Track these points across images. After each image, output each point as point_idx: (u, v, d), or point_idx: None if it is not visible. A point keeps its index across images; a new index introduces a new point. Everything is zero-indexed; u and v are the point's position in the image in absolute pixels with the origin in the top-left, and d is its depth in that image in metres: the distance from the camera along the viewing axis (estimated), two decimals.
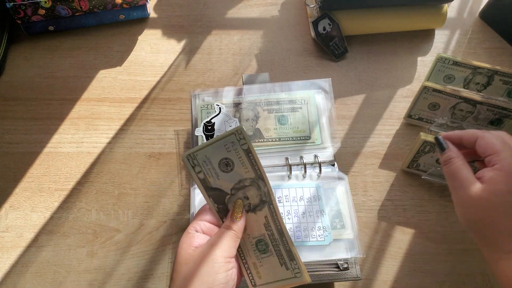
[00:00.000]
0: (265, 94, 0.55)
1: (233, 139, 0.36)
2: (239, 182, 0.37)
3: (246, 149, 0.37)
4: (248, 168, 0.37)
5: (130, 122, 0.59)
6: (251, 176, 0.37)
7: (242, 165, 0.37)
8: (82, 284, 0.49)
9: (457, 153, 0.39)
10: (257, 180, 0.37)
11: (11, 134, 0.57)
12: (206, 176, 0.37)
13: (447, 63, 0.53)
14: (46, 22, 0.62)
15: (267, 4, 0.69)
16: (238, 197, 0.37)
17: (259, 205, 0.38)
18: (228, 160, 0.37)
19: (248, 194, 0.37)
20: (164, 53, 0.64)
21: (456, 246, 0.51)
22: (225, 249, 0.35)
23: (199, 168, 0.37)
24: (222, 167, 0.37)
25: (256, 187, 0.37)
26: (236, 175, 0.37)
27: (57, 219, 0.52)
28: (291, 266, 0.37)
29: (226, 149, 0.37)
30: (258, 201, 0.38)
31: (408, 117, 0.57)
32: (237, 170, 0.37)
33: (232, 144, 0.37)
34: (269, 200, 0.37)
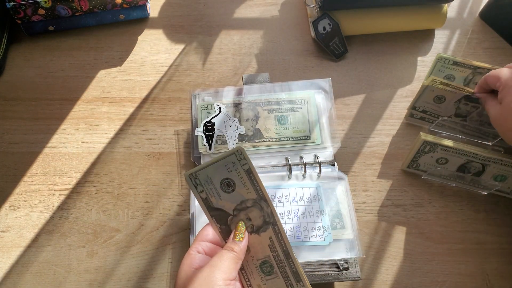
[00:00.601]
0: (265, 94, 0.55)
1: (233, 159, 0.36)
2: (241, 203, 0.37)
3: (247, 170, 0.36)
4: (250, 189, 0.36)
5: (130, 122, 0.59)
6: (253, 197, 0.36)
7: (244, 185, 0.36)
8: (82, 284, 0.49)
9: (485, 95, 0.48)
10: (259, 201, 0.37)
11: (11, 134, 0.57)
12: (208, 196, 0.36)
13: (447, 63, 0.53)
14: (46, 22, 0.62)
15: (267, 4, 0.69)
16: (240, 219, 0.37)
17: (262, 226, 0.37)
18: (230, 181, 0.36)
19: (251, 215, 0.37)
20: (164, 53, 0.64)
21: (456, 246, 0.51)
22: (225, 271, 0.35)
23: (201, 187, 0.36)
24: (224, 188, 0.36)
25: (258, 208, 0.37)
26: (238, 196, 0.37)
27: (57, 219, 0.52)
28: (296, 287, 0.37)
29: (227, 169, 0.36)
30: (262, 222, 0.37)
31: (412, 109, 0.56)
32: (239, 191, 0.36)
33: (233, 164, 0.36)
34: (273, 221, 0.37)
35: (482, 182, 0.51)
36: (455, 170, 0.52)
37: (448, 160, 0.51)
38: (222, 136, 0.52)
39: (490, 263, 0.50)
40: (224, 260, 0.35)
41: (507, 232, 0.51)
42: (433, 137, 0.49)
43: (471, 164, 0.50)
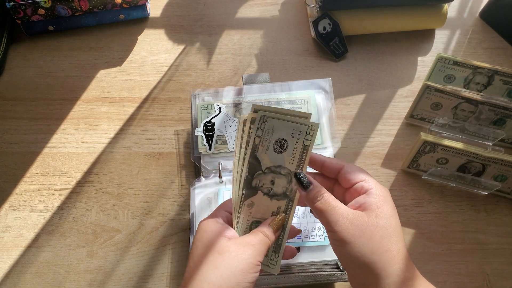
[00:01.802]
0: (265, 94, 0.55)
1: (303, 129, 0.35)
2: (278, 166, 0.36)
3: (306, 145, 0.36)
4: (294, 161, 0.36)
5: (130, 122, 0.58)
6: (291, 169, 0.36)
7: (292, 155, 0.36)
8: (82, 284, 0.49)
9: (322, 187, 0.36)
10: (292, 175, 0.37)
11: (11, 134, 0.57)
12: (260, 143, 0.36)
13: (447, 63, 0.53)
14: (46, 22, 0.62)
15: (267, 4, 0.69)
16: (267, 179, 0.37)
17: (279, 195, 0.37)
18: (285, 143, 0.36)
19: (276, 181, 0.37)
20: (164, 53, 0.64)
21: (457, 246, 0.51)
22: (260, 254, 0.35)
23: (261, 132, 0.36)
24: (276, 145, 0.36)
25: (287, 180, 0.37)
26: (280, 159, 0.36)
27: (57, 219, 0.52)
28: (270, 256, 0.38)
29: (291, 133, 0.36)
30: (281, 192, 0.37)
31: (410, 117, 0.57)
32: (285, 156, 0.36)
33: (300, 133, 0.36)
34: (291, 197, 0.37)
35: (483, 182, 0.51)
36: (456, 170, 0.51)
37: (448, 160, 0.51)
38: (222, 136, 0.52)
39: (491, 263, 0.50)
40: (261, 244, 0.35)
41: (508, 232, 0.51)
42: (433, 137, 0.49)
43: (472, 164, 0.50)
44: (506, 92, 0.53)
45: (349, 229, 0.33)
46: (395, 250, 0.33)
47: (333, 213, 0.34)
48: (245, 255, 0.34)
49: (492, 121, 0.53)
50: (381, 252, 0.32)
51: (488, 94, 0.53)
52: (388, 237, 0.33)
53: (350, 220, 0.33)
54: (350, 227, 0.33)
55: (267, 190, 0.37)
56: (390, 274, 0.32)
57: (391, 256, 0.32)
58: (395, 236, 0.33)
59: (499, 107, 0.51)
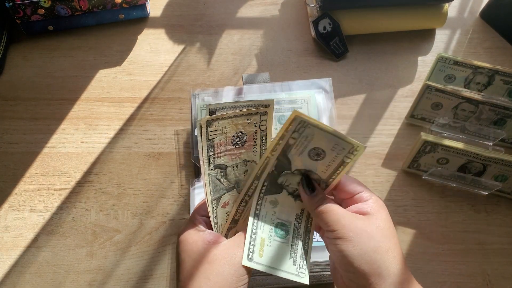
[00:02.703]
0: (265, 94, 0.55)
1: (346, 146, 0.34)
2: (309, 171, 0.36)
3: (345, 161, 0.34)
4: (327, 172, 0.36)
5: (130, 122, 0.58)
6: (323, 177, 0.36)
7: (327, 165, 0.35)
8: (81, 284, 0.49)
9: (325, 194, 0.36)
10: (322, 183, 0.36)
11: (10, 134, 0.57)
12: (294, 146, 0.35)
13: (447, 63, 0.53)
14: (46, 22, 0.62)
15: (267, 3, 0.68)
16: (295, 179, 0.36)
17: None
18: (323, 153, 0.35)
19: None
20: (164, 52, 0.64)
21: (457, 246, 0.51)
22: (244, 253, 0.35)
23: (297, 135, 0.34)
24: (312, 153, 0.35)
25: None
26: (313, 166, 0.36)
27: (57, 219, 0.52)
28: (299, 264, 0.36)
29: (333, 146, 0.34)
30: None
31: (410, 117, 0.57)
32: (317, 165, 0.35)
33: (342, 149, 0.34)
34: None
35: (483, 182, 0.51)
36: (456, 170, 0.51)
37: (448, 160, 0.51)
38: None
39: (491, 264, 0.50)
40: None
41: (508, 232, 0.51)
42: (433, 137, 0.49)
43: (472, 164, 0.50)
44: (507, 92, 0.53)
45: (350, 226, 0.33)
46: (395, 251, 0.33)
47: (334, 213, 0.34)
48: (235, 260, 0.34)
49: (492, 121, 0.53)
50: (383, 251, 0.32)
51: (489, 94, 0.53)
52: (388, 238, 0.33)
53: (350, 219, 0.33)
54: (351, 225, 0.33)
55: (292, 190, 0.37)
56: (392, 274, 0.32)
57: (392, 256, 0.32)
58: (394, 239, 0.34)
59: (500, 107, 0.51)
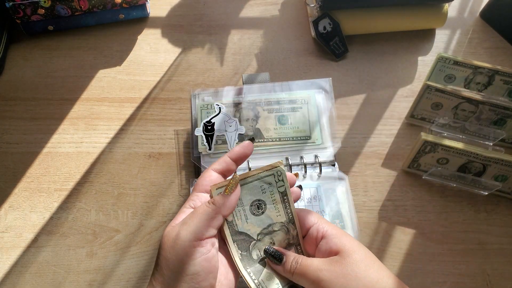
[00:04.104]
0: (265, 94, 0.55)
1: (271, 180, 0.33)
2: (268, 226, 0.34)
3: (282, 192, 0.34)
4: (280, 212, 0.34)
5: (130, 122, 0.58)
6: (282, 220, 0.34)
7: (275, 208, 0.34)
8: (81, 284, 0.49)
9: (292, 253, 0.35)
10: (287, 224, 0.34)
11: (10, 134, 0.57)
12: (235, 218, 0.33)
13: (447, 63, 0.53)
14: (46, 22, 0.62)
15: (267, 3, 0.68)
16: (264, 244, 0.34)
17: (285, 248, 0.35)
18: (261, 202, 0.34)
19: (276, 239, 0.35)
20: (163, 52, 0.64)
21: (457, 246, 0.51)
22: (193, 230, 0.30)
23: None
24: (253, 209, 0.34)
25: (285, 231, 0.35)
26: (266, 219, 0.34)
27: (57, 219, 0.52)
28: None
29: (262, 190, 0.33)
30: (285, 245, 0.35)
31: (410, 117, 0.57)
32: (268, 214, 0.34)
33: (269, 185, 0.33)
34: (296, 242, 0.35)
35: (483, 182, 0.51)
36: (456, 170, 0.51)
37: (448, 160, 0.51)
38: (222, 136, 0.52)
39: (491, 264, 0.50)
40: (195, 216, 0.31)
41: (508, 232, 0.51)
42: (433, 137, 0.49)
43: (472, 164, 0.50)
44: (507, 92, 0.53)
45: (333, 279, 0.31)
46: (385, 276, 0.32)
47: (312, 271, 0.32)
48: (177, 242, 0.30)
49: (492, 121, 0.53)
50: (373, 284, 0.31)
51: (489, 94, 0.53)
52: (372, 267, 0.32)
53: (330, 271, 0.32)
54: (333, 277, 0.31)
55: None
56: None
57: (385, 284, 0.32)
58: (376, 263, 0.33)
59: (500, 107, 0.51)
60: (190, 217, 0.32)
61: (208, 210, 0.31)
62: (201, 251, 0.30)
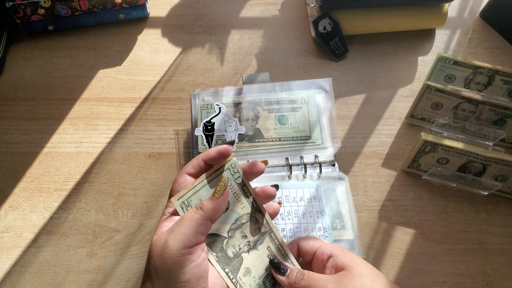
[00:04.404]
0: (265, 94, 0.55)
1: (227, 174, 0.33)
2: (236, 221, 0.34)
3: (240, 183, 0.34)
4: (244, 203, 0.34)
5: (130, 122, 0.58)
6: (247, 211, 0.34)
7: (237, 201, 0.34)
8: (81, 284, 0.49)
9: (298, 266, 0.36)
10: (254, 213, 0.35)
11: (10, 134, 0.57)
12: None
13: (447, 63, 0.53)
14: (46, 22, 0.62)
15: (267, 3, 0.68)
16: (238, 238, 0.34)
17: (259, 239, 0.35)
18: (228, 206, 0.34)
19: (246, 232, 0.35)
20: (163, 52, 0.64)
21: (457, 246, 0.51)
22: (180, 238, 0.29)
23: None
24: None
25: (254, 221, 0.35)
26: (232, 214, 0.34)
27: (57, 219, 0.52)
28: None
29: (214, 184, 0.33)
30: (257, 234, 0.35)
31: (410, 117, 0.57)
32: (233, 208, 0.34)
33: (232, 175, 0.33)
34: (268, 229, 0.35)
35: (483, 182, 0.51)
36: (456, 170, 0.51)
37: (448, 160, 0.51)
38: (222, 136, 0.52)
39: (491, 264, 0.50)
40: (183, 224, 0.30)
41: (508, 232, 0.51)
42: (433, 137, 0.49)
43: (472, 164, 0.50)
44: (507, 92, 0.53)
45: None
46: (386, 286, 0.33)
47: (319, 285, 0.32)
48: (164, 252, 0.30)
49: (492, 121, 0.53)
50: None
51: (489, 94, 0.53)
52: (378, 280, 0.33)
53: (338, 283, 0.32)
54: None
55: (247, 247, 0.35)
56: None
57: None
58: (381, 277, 0.34)
59: (500, 107, 0.51)
60: (177, 225, 0.31)
61: (196, 216, 0.31)
62: (191, 258, 0.30)
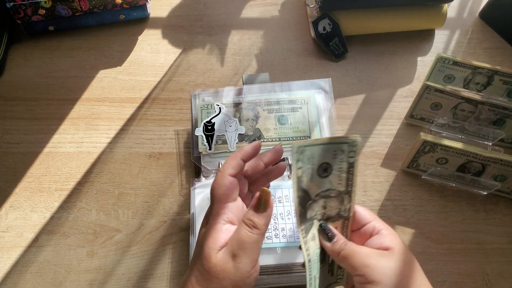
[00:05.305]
0: (265, 94, 0.55)
1: (344, 148, 0.34)
2: (327, 190, 0.35)
3: (351, 163, 0.34)
4: (342, 181, 0.35)
5: (130, 122, 0.59)
6: (341, 189, 0.35)
7: (338, 176, 0.34)
8: (82, 284, 0.49)
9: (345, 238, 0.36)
10: (344, 194, 0.35)
11: (11, 134, 0.57)
12: (303, 174, 0.34)
13: (447, 63, 0.53)
14: (46, 22, 0.62)
15: (267, 4, 0.69)
16: (319, 205, 0.35)
17: (333, 217, 0.36)
18: (328, 166, 0.34)
19: (328, 205, 0.35)
20: (164, 53, 0.64)
21: (456, 246, 0.51)
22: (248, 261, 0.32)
23: (301, 164, 0.33)
24: (320, 171, 0.34)
25: (339, 200, 0.35)
26: (327, 183, 0.35)
27: (57, 219, 0.52)
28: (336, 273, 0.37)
29: (333, 155, 0.34)
30: (335, 214, 0.36)
31: (410, 117, 0.57)
32: (331, 179, 0.35)
33: (341, 152, 0.34)
34: (347, 216, 0.36)
35: (482, 182, 0.51)
36: (455, 170, 0.52)
37: (448, 160, 0.51)
38: (222, 136, 0.52)
39: (490, 263, 0.50)
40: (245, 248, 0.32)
41: (507, 232, 0.51)
42: (433, 137, 0.50)
43: (471, 164, 0.50)
44: (506, 92, 0.53)
45: (378, 268, 0.32)
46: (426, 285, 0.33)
47: (359, 256, 0.33)
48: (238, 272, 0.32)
49: (491, 121, 0.53)
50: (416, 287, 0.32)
51: (488, 94, 0.53)
52: (417, 271, 0.33)
53: (377, 260, 0.32)
54: (378, 265, 0.32)
55: (321, 216, 0.36)
56: None
57: None
58: (420, 271, 0.33)
59: (499, 107, 0.51)
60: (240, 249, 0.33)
61: (255, 237, 0.33)
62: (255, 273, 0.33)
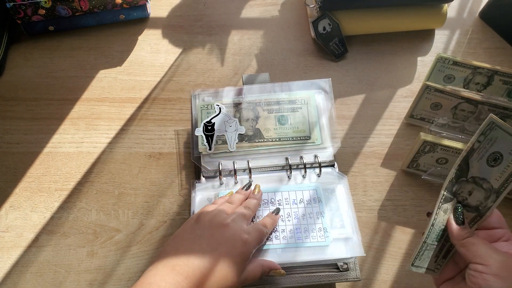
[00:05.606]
0: (265, 94, 0.55)
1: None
2: (482, 179, 0.34)
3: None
4: (501, 178, 0.34)
5: (130, 122, 0.59)
6: (495, 185, 0.34)
7: (502, 171, 0.33)
8: (82, 284, 0.49)
9: None
10: (493, 192, 0.34)
11: (11, 134, 0.57)
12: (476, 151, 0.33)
13: (447, 63, 0.53)
14: (46, 22, 0.62)
15: (267, 4, 0.69)
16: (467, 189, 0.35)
17: (470, 208, 0.35)
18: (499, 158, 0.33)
19: (474, 193, 0.35)
20: (164, 53, 0.64)
21: None
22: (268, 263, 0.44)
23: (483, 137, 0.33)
24: (490, 158, 0.34)
25: (485, 195, 0.34)
26: (487, 173, 0.34)
27: (57, 219, 0.52)
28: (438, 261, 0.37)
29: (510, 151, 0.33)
30: (474, 205, 0.35)
31: (410, 117, 0.57)
32: (494, 171, 0.34)
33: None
34: (482, 213, 0.35)
35: None
36: None
37: (448, 160, 0.51)
38: (222, 136, 0.52)
39: None
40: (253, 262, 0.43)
41: None
42: (433, 137, 0.50)
43: None
44: (506, 92, 0.53)
45: (503, 265, 0.32)
46: None
47: (486, 247, 0.33)
48: None
49: None
50: None
51: (488, 94, 0.53)
52: None
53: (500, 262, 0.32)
54: (504, 263, 0.32)
55: (461, 199, 0.35)
56: None
57: None
58: None
59: (499, 107, 0.51)
60: None
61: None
62: None
